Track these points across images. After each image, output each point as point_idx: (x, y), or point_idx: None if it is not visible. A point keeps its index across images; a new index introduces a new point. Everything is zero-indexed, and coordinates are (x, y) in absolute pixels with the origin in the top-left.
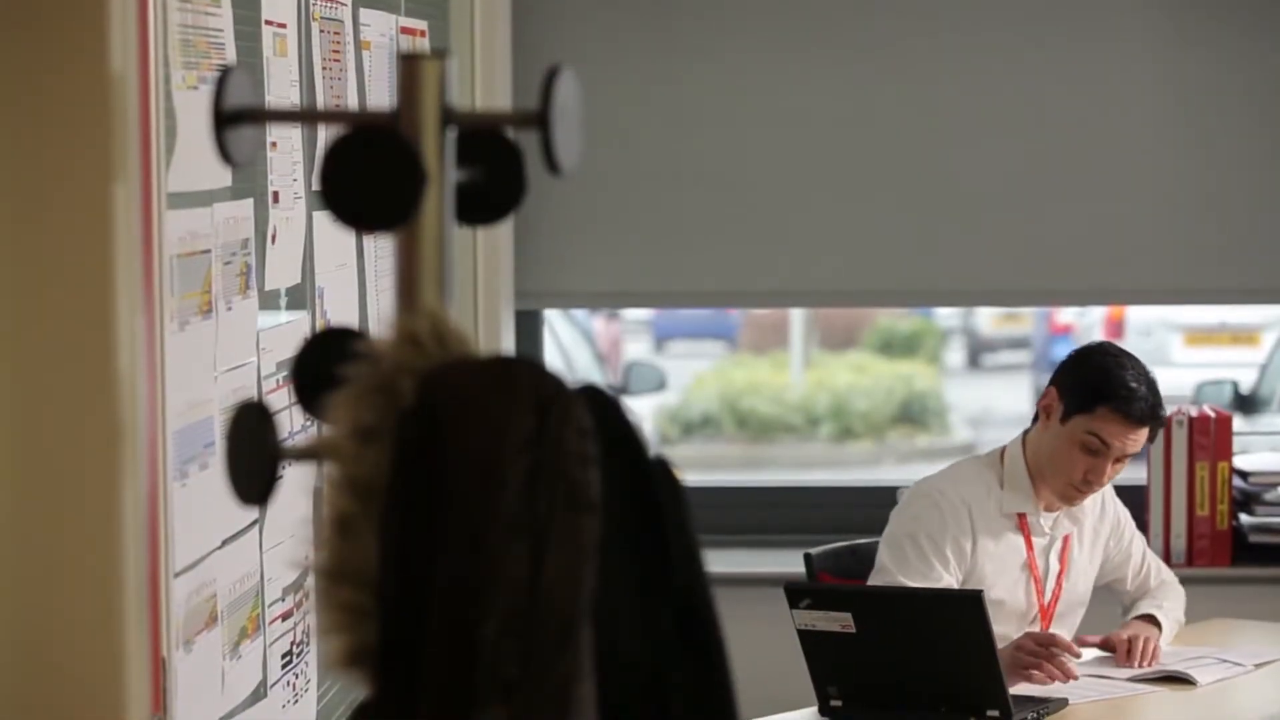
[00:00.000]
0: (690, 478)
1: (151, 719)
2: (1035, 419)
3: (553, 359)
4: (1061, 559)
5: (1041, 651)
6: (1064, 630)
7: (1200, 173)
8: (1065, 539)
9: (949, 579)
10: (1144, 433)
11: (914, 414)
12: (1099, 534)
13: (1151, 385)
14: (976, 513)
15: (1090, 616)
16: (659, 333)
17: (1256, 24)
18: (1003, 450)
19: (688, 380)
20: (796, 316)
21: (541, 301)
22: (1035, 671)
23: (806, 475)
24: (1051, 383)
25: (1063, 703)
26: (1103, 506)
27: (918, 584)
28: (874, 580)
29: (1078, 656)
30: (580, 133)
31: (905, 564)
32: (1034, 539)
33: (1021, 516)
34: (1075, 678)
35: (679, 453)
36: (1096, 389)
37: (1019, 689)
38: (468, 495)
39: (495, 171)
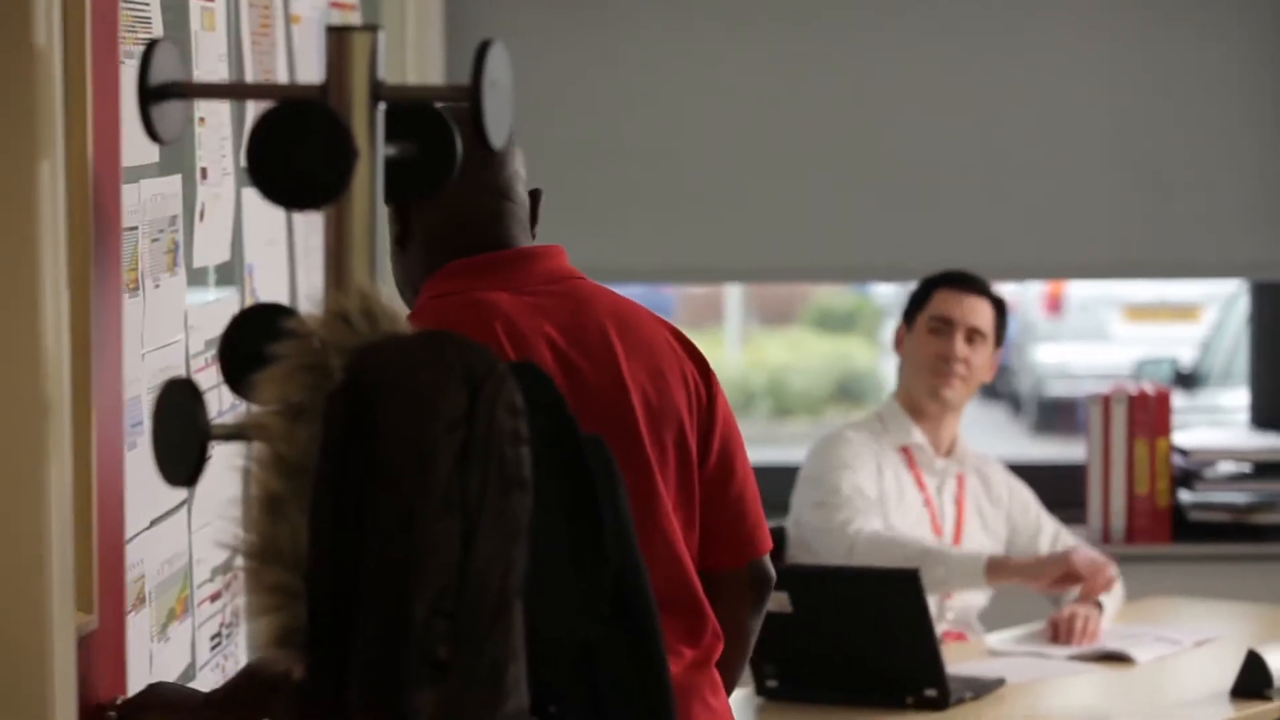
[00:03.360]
0: None
1: (113, 703)
2: (900, 368)
3: None
4: (959, 502)
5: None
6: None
7: (1140, 148)
8: (959, 479)
9: (872, 482)
10: (980, 303)
11: (851, 391)
12: (999, 498)
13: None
14: (877, 450)
15: (1032, 603)
16: None
17: (1198, 2)
18: (883, 402)
19: None
20: (733, 293)
21: None
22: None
23: None
24: (899, 325)
25: (1000, 681)
26: (997, 473)
27: (850, 480)
28: (814, 506)
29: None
30: (511, 107)
31: (837, 468)
32: (926, 478)
33: (907, 452)
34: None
35: None
36: (926, 284)
37: (954, 668)
38: (398, 474)
39: (426, 146)
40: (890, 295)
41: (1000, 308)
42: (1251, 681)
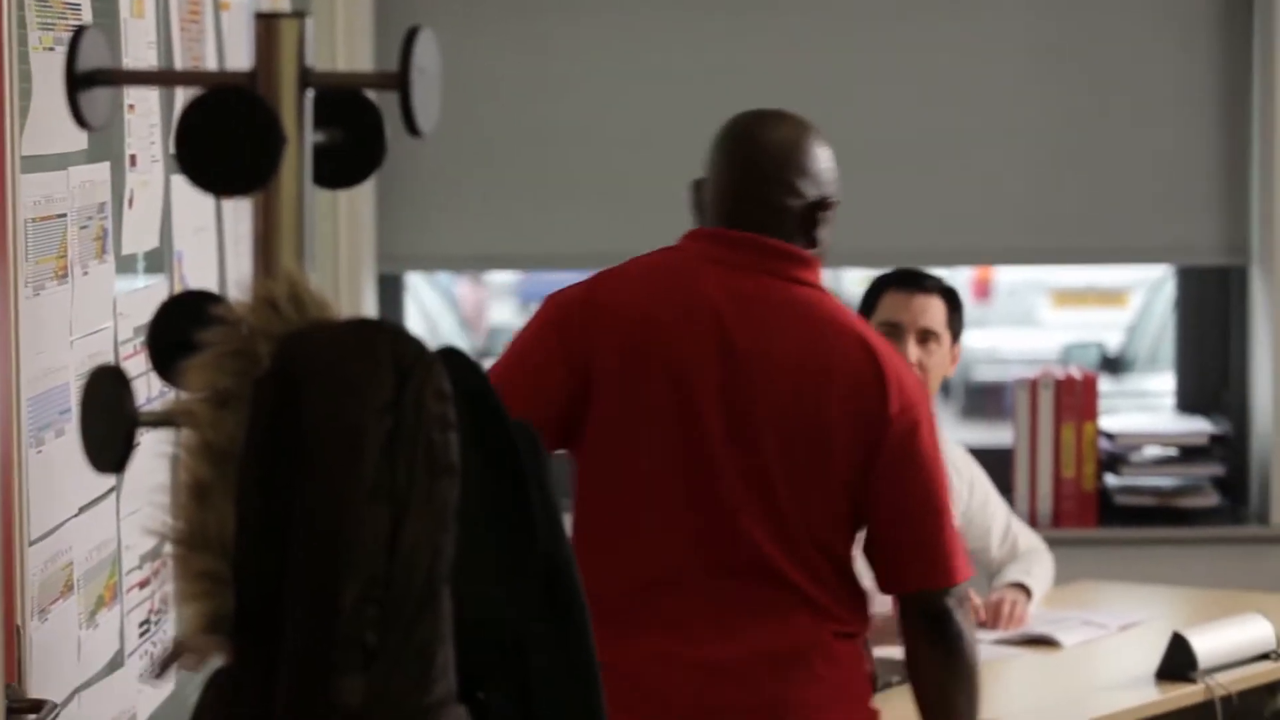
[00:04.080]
0: None
1: (5, 689)
2: None
3: (416, 323)
4: None
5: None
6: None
7: (1067, 134)
8: None
9: None
10: (930, 301)
11: None
12: (958, 494)
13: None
14: None
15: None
16: (525, 296)
17: None
18: None
19: None
20: None
21: (404, 265)
22: None
23: None
24: None
25: None
26: (960, 470)
27: None
28: None
29: (981, 615)
30: (439, 94)
31: None
32: None
33: None
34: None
35: None
36: (873, 289)
37: (882, 651)
38: (327, 460)
39: (355, 133)
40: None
41: (953, 301)
42: (1176, 664)
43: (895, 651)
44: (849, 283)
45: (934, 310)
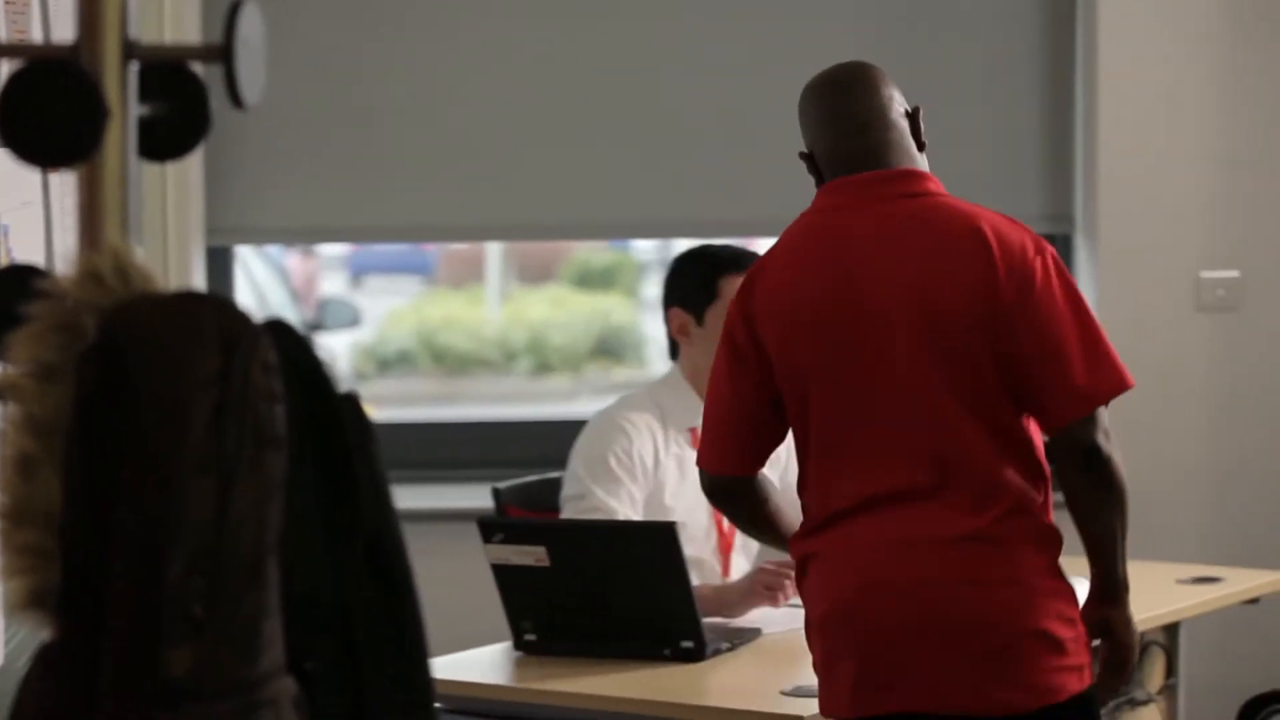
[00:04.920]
0: (386, 414)
1: None
2: (675, 349)
3: (245, 297)
4: None
5: (786, 573)
6: (745, 552)
7: None
8: None
9: (637, 493)
10: None
11: (611, 347)
12: (776, 456)
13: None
14: (656, 432)
15: None
16: (355, 269)
17: None
18: (664, 378)
19: (384, 316)
20: (493, 251)
21: (234, 238)
22: (779, 594)
23: (504, 410)
24: (668, 306)
25: (756, 632)
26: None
27: (610, 498)
28: (566, 502)
29: None
30: (264, 67)
31: (597, 479)
32: None
33: (694, 433)
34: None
35: (375, 389)
36: (708, 274)
37: (710, 619)
38: (153, 433)
39: (180, 106)
40: (650, 250)
41: None
42: None
43: (727, 621)
44: (680, 249)
45: None
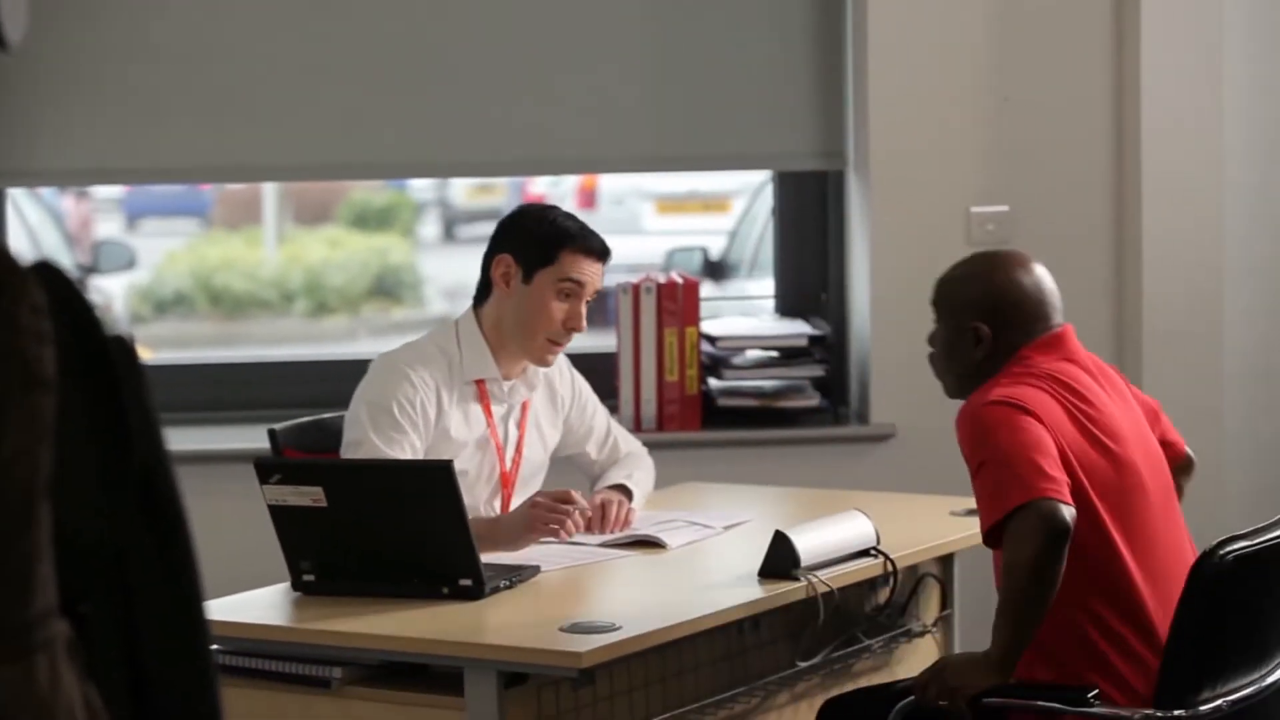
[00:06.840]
0: (164, 356)
1: None
2: (487, 290)
3: (17, 240)
4: (521, 425)
5: (560, 508)
6: (525, 495)
7: (669, 45)
8: (524, 405)
9: (418, 443)
10: (602, 267)
11: (389, 287)
12: (561, 401)
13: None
14: (441, 383)
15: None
16: (130, 211)
17: None
18: (455, 324)
19: (160, 258)
20: (270, 192)
21: (5, 181)
22: (556, 528)
23: (281, 351)
24: (499, 251)
25: (535, 570)
26: (562, 375)
27: (389, 447)
28: (346, 448)
29: (587, 514)
30: (26, 6)
31: (378, 428)
32: (493, 406)
33: (481, 384)
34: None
35: (152, 331)
36: (553, 239)
37: (490, 557)
38: None
39: None
40: (427, 190)
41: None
42: (778, 562)
43: (502, 556)
44: (458, 188)
45: (602, 274)
